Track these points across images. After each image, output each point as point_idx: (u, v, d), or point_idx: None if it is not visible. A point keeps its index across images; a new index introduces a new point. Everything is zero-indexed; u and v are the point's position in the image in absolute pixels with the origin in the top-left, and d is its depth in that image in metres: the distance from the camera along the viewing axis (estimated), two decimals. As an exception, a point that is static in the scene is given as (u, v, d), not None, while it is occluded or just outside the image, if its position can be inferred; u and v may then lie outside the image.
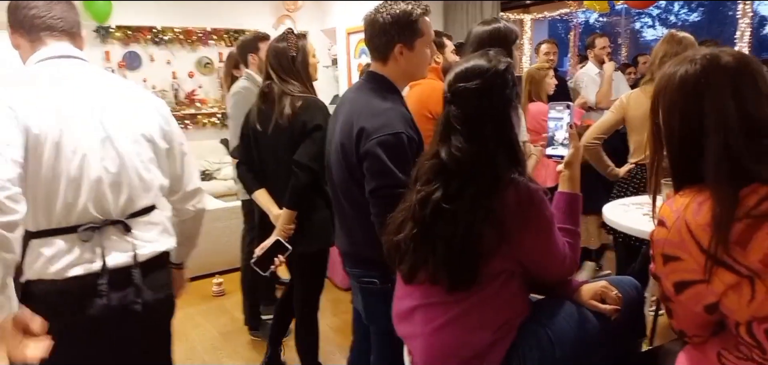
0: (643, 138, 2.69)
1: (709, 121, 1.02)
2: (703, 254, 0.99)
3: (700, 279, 1.02)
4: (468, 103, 1.34)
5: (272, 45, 2.35)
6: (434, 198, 1.33)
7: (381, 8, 1.69)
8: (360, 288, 1.80)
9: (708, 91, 1.04)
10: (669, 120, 1.11)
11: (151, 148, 1.47)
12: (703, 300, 1.04)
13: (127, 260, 1.40)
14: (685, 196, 1.05)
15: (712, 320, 1.10)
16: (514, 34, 2.13)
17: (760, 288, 0.96)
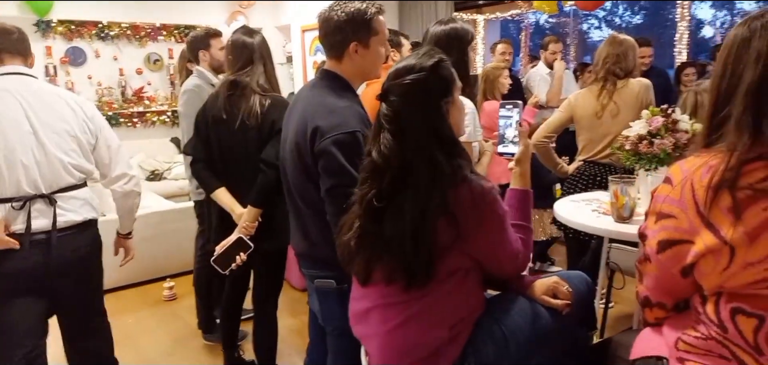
0: (590, 136, 2.78)
1: (748, 68, 1.02)
2: (698, 215, 1.02)
3: (686, 239, 1.05)
4: (397, 99, 1.35)
5: (239, 38, 2.29)
6: (369, 196, 1.34)
7: (335, 6, 1.68)
8: (316, 289, 1.78)
9: (751, 43, 1.03)
10: (714, 76, 1.10)
11: (75, 142, 1.96)
12: (683, 260, 1.06)
13: (47, 225, 1.89)
14: (699, 159, 1.06)
15: (681, 288, 1.12)
16: (469, 34, 2.15)
17: (736, 261, 0.98)
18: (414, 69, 1.37)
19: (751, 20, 1.05)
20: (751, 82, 1.00)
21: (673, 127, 1.95)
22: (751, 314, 0.99)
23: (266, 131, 2.18)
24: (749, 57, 1.02)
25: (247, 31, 2.34)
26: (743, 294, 1.00)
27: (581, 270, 2.65)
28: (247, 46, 2.27)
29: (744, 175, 0.97)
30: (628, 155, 2.04)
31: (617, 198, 1.90)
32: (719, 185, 0.99)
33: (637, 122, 2.05)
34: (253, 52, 2.27)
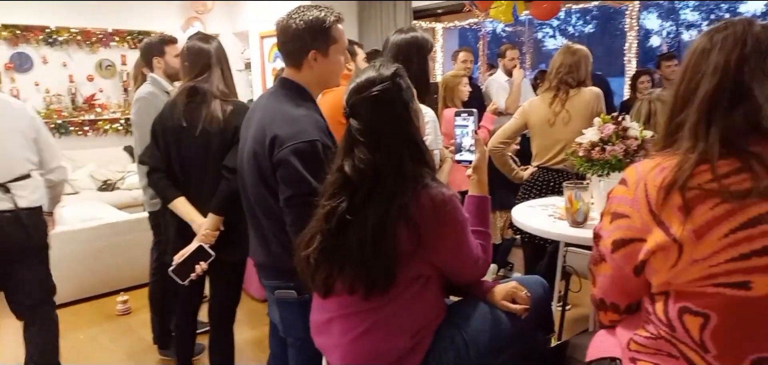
0: (543, 142, 2.85)
1: (706, 76, 1.06)
2: (650, 213, 1.06)
3: (638, 237, 1.09)
4: (366, 114, 1.36)
5: (195, 44, 2.25)
6: (339, 210, 1.34)
7: (294, 14, 1.67)
8: (277, 300, 1.75)
9: (712, 54, 1.08)
10: (675, 82, 1.15)
11: (23, 137, 2.32)
12: (635, 258, 1.10)
13: (9, 206, 2.25)
14: (653, 161, 1.11)
15: (633, 288, 1.16)
16: (429, 43, 2.18)
17: (684, 258, 1.02)
18: (376, 81, 1.37)
19: (715, 32, 1.11)
20: (706, 92, 1.05)
21: (624, 134, 2.02)
22: (697, 313, 1.03)
23: (229, 137, 2.15)
24: (708, 68, 1.07)
25: (203, 37, 2.31)
26: (689, 293, 1.04)
27: (539, 274, 2.72)
28: (203, 52, 2.23)
29: (694, 176, 1.02)
30: (581, 161, 2.10)
31: (572, 203, 1.95)
32: (671, 185, 1.03)
33: (589, 129, 2.11)
34: (210, 58, 2.23)
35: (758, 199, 0.98)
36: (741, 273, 0.99)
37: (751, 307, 1.00)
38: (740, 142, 1.02)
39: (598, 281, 1.24)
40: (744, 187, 0.99)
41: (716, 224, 1.00)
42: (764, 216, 0.98)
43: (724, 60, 1.06)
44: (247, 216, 1.82)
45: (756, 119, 1.03)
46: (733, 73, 1.04)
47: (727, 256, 1.00)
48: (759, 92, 1.04)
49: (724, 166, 1.01)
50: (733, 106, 1.04)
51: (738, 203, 0.99)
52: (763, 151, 1.01)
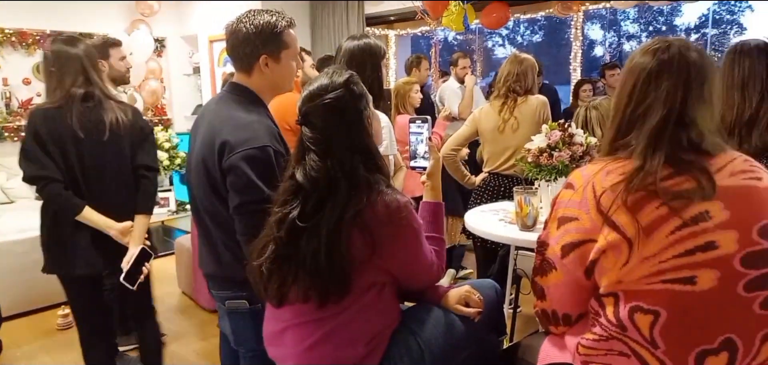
0: (493, 149, 2.92)
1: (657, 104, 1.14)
2: (598, 213, 1.10)
3: (589, 238, 1.12)
4: (319, 121, 1.35)
5: (62, 49, 2.17)
6: (290, 217, 1.32)
7: (244, 18, 1.63)
8: (228, 311, 1.71)
9: (660, 79, 1.15)
10: (619, 98, 1.21)
11: None
12: (586, 260, 1.13)
13: None
14: (597, 164, 1.17)
15: (585, 292, 1.19)
16: (382, 50, 2.19)
17: (634, 255, 1.07)
18: (329, 88, 1.37)
19: (658, 51, 1.17)
20: (655, 124, 1.13)
21: (570, 141, 2.09)
22: (647, 311, 1.08)
23: (137, 138, 2.17)
24: (658, 94, 1.14)
25: (68, 39, 2.20)
26: (640, 291, 1.08)
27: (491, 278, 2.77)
28: (72, 57, 2.15)
29: (640, 178, 1.08)
30: (530, 167, 2.16)
31: (522, 208, 2.00)
32: (619, 186, 1.09)
33: (537, 136, 2.17)
34: (81, 62, 2.15)
35: (699, 200, 1.05)
36: (687, 268, 1.05)
37: (696, 301, 1.05)
38: (683, 157, 1.10)
39: (548, 292, 1.26)
40: (684, 188, 1.06)
41: (663, 222, 1.05)
42: (704, 215, 1.05)
43: (671, 92, 1.13)
44: (196, 225, 1.77)
45: (698, 141, 1.12)
46: (680, 105, 1.12)
47: (673, 252, 1.05)
48: (700, 119, 1.12)
49: (667, 170, 1.08)
50: (678, 132, 1.12)
51: (681, 203, 1.05)
52: (702, 161, 1.09)
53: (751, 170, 1.12)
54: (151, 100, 6.58)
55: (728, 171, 1.10)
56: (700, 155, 1.11)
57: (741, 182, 1.10)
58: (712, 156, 1.12)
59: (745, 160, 1.15)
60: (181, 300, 3.95)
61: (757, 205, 1.09)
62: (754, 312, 1.05)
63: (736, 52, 2.08)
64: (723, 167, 1.11)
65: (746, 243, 1.05)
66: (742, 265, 1.05)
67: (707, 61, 1.16)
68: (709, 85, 1.15)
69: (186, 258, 3.86)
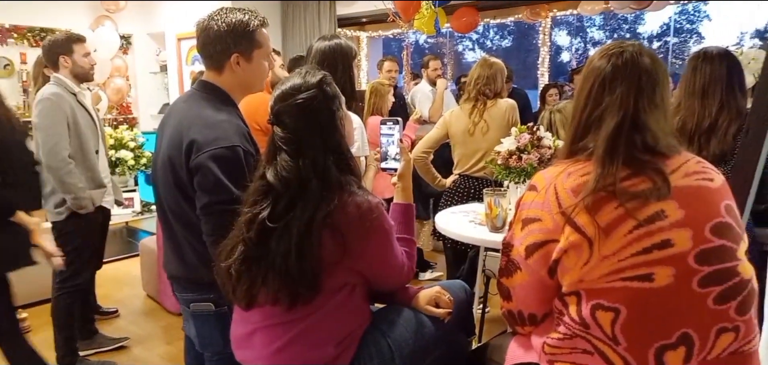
0: (464, 151, 2.95)
1: (612, 108, 1.17)
2: (560, 214, 1.13)
3: (551, 239, 1.15)
4: (291, 121, 1.34)
5: None
6: (261, 217, 1.30)
7: (216, 15, 1.61)
8: (192, 314, 1.67)
9: (614, 84, 1.19)
10: (576, 103, 1.25)
11: None
12: (549, 260, 1.16)
13: None
14: (559, 167, 1.20)
15: (549, 291, 1.21)
16: (353, 50, 2.18)
17: (595, 254, 1.10)
18: (302, 88, 1.35)
19: (614, 56, 1.20)
20: (611, 129, 1.16)
21: (538, 144, 2.13)
22: (608, 308, 1.10)
23: (25, 132, 2.24)
24: (612, 99, 1.18)
25: None
26: (600, 289, 1.11)
27: (461, 278, 2.79)
28: None
29: (599, 180, 1.12)
30: (500, 169, 2.18)
31: (491, 209, 2.02)
32: (580, 188, 1.12)
33: (507, 139, 2.20)
34: None
35: (655, 200, 1.09)
36: (644, 266, 1.08)
37: (654, 298, 1.09)
38: (639, 158, 1.14)
39: (513, 293, 1.28)
40: (641, 189, 1.10)
41: (621, 221, 1.09)
42: (660, 214, 1.09)
43: (624, 95, 1.17)
44: (161, 225, 1.73)
45: (653, 144, 1.16)
46: (633, 110, 1.17)
47: (632, 251, 1.08)
48: (653, 123, 1.17)
49: (625, 171, 1.12)
50: (632, 135, 1.16)
51: (638, 202, 1.09)
52: (657, 162, 1.13)
53: (703, 171, 1.17)
54: (116, 98, 6.42)
55: (682, 171, 1.15)
56: (656, 157, 1.15)
57: (694, 182, 1.14)
58: (667, 157, 1.16)
59: (698, 161, 1.19)
60: (145, 303, 3.87)
61: (710, 204, 1.13)
62: (708, 306, 1.09)
63: (698, 59, 2.14)
64: (677, 168, 1.15)
65: (700, 240, 1.09)
66: (696, 262, 1.09)
67: (659, 67, 1.21)
68: (660, 90, 1.19)
69: (151, 260, 3.78)
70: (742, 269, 1.13)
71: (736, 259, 1.13)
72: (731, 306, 1.10)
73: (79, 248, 2.74)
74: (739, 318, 1.11)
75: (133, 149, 4.93)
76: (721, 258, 1.10)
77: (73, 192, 2.65)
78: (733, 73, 2.08)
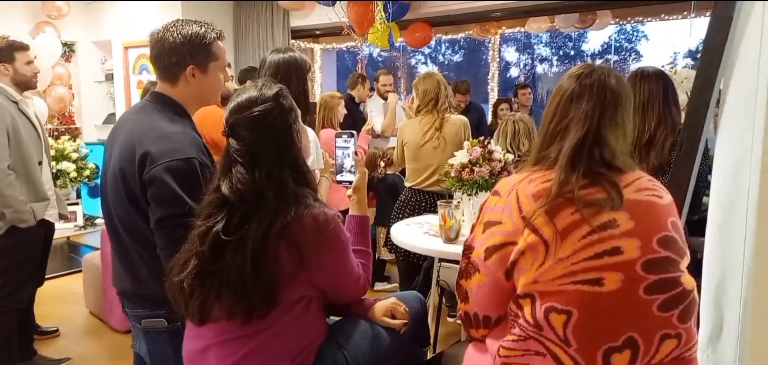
0: (416, 165, 2.99)
1: (576, 122, 1.25)
2: (520, 217, 1.19)
3: (510, 241, 1.20)
4: (247, 133, 1.34)
5: None
6: (215, 231, 1.29)
7: (171, 27, 1.59)
8: (144, 330, 1.63)
9: (580, 100, 1.26)
10: (546, 115, 1.33)
11: None
12: (506, 262, 1.21)
13: None
14: (522, 174, 1.27)
15: (505, 293, 1.25)
16: (307, 63, 2.19)
17: (550, 256, 1.16)
18: (258, 101, 1.35)
19: (582, 77, 1.29)
20: (574, 142, 1.24)
21: (489, 157, 2.20)
22: (561, 310, 1.16)
23: None
24: (577, 114, 1.26)
25: None
26: (553, 292, 1.16)
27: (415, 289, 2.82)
28: None
29: (559, 187, 1.19)
30: (453, 181, 2.24)
31: (445, 221, 2.07)
32: (541, 193, 1.19)
33: (460, 152, 2.26)
34: None
35: (608, 209, 1.16)
36: (595, 270, 1.14)
37: (603, 302, 1.14)
38: (597, 170, 1.22)
39: (471, 293, 1.32)
40: (596, 197, 1.17)
41: (576, 227, 1.15)
42: (612, 223, 1.16)
43: (589, 112, 1.25)
44: (111, 240, 1.68)
45: (610, 159, 1.24)
46: (595, 125, 1.24)
47: (584, 255, 1.14)
48: (613, 139, 1.25)
49: (583, 181, 1.19)
50: (592, 149, 1.23)
51: (593, 210, 1.16)
52: (613, 176, 1.22)
53: (653, 188, 1.26)
54: (57, 107, 6.15)
55: (635, 186, 1.23)
56: (612, 171, 1.23)
57: (645, 197, 1.22)
58: (622, 172, 1.24)
59: (650, 180, 1.28)
60: (88, 322, 3.71)
61: (658, 219, 1.21)
62: (653, 313, 1.16)
63: (636, 78, 2.27)
64: (631, 183, 1.23)
65: (647, 250, 1.16)
66: (643, 270, 1.15)
67: (623, 89, 1.30)
68: (622, 110, 1.28)
69: (95, 277, 3.63)
70: (684, 280, 1.20)
71: (679, 271, 1.20)
72: (674, 314, 1.17)
73: (19, 264, 2.62)
74: (681, 326, 1.18)
75: (76, 160, 4.73)
76: (666, 268, 1.18)
77: (12, 206, 2.54)
78: (669, 91, 2.24)
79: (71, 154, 4.66)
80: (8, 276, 2.61)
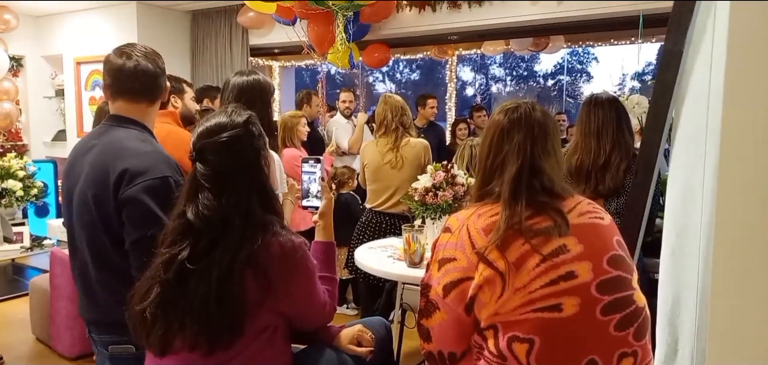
0: (376, 187, 3.00)
1: (511, 155, 1.30)
2: (474, 252, 1.21)
3: (467, 276, 1.22)
4: (215, 158, 1.32)
5: None
6: (180, 258, 1.27)
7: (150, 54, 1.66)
8: (111, 356, 1.59)
9: (511, 134, 1.32)
10: (481, 152, 1.37)
11: None
12: (465, 297, 1.22)
13: None
14: (470, 210, 1.30)
15: (467, 328, 1.27)
16: (272, 87, 2.20)
17: (507, 287, 1.18)
18: (227, 127, 1.34)
19: (509, 111, 1.35)
20: (512, 174, 1.29)
21: (453, 181, 2.23)
22: (523, 339, 1.18)
23: None
24: (511, 148, 1.31)
25: None
26: (514, 322, 1.19)
27: (377, 312, 2.82)
28: None
29: (507, 220, 1.22)
30: (417, 205, 2.26)
31: (409, 245, 2.09)
32: (490, 228, 1.22)
33: (423, 176, 2.29)
34: None
35: (557, 236, 1.21)
36: (553, 296, 1.17)
37: (563, 327, 1.18)
38: (540, 199, 1.26)
39: (433, 332, 1.32)
40: (543, 226, 1.21)
41: (529, 256, 1.18)
42: (563, 248, 1.20)
43: (521, 146, 1.31)
44: (76, 269, 1.63)
45: (550, 186, 1.29)
46: (530, 156, 1.30)
47: (541, 283, 1.18)
48: (548, 168, 1.31)
49: (528, 211, 1.24)
50: (531, 179, 1.29)
51: (542, 238, 1.20)
52: (556, 203, 1.26)
53: (594, 210, 1.31)
54: (3, 123, 5.88)
55: (577, 211, 1.28)
56: (554, 198, 1.27)
57: (588, 220, 1.27)
58: (563, 198, 1.29)
59: (589, 203, 1.34)
60: (34, 348, 3.53)
61: (604, 239, 1.26)
62: (610, 333, 1.20)
63: (590, 104, 2.37)
64: (572, 208, 1.28)
65: (599, 272, 1.21)
66: (597, 291, 1.20)
67: (550, 120, 1.36)
68: (552, 140, 1.35)
69: (42, 301, 3.47)
70: (636, 297, 1.25)
71: (631, 288, 1.25)
72: (630, 333, 1.21)
73: None
74: (637, 343, 1.23)
75: (23, 179, 4.52)
76: (619, 287, 1.22)
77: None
78: (622, 116, 2.34)
79: (18, 172, 4.45)
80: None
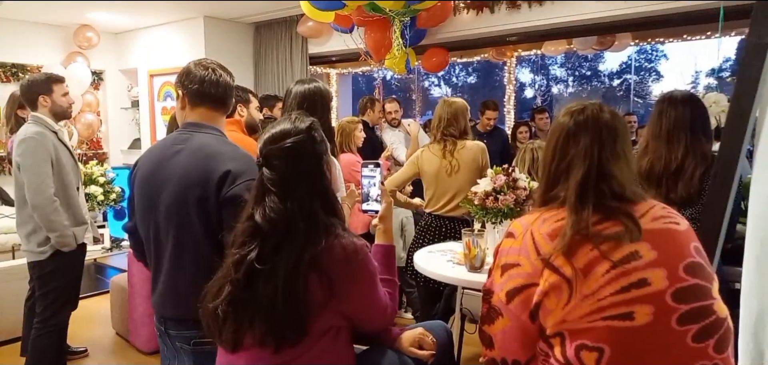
0: (435, 192, 3.00)
1: (577, 159, 1.26)
2: (539, 258, 1.19)
3: (532, 282, 1.20)
4: (280, 164, 1.38)
5: None
6: (249, 259, 1.33)
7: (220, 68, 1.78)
8: (194, 351, 1.67)
9: (578, 137, 1.28)
10: (545, 156, 1.34)
11: None
12: (530, 303, 1.20)
13: None
14: (533, 214, 1.27)
15: (531, 335, 1.24)
16: (330, 94, 2.28)
17: (575, 295, 1.15)
18: (291, 133, 1.40)
19: (575, 113, 1.30)
20: (579, 179, 1.25)
21: (514, 185, 2.21)
22: (592, 348, 1.15)
23: None
24: (578, 151, 1.27)
25: None
26: (583, 329, 1.15)
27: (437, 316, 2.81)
28: None
29: (574, 224, 1.19)
30: (477, 209, 2.25)
31: (470, 249, 2.08)
32: (556, 232, 1.19)
33: (483, 179, 2.28)
34: None
35: (628, 242, 1.16)
36: (624, 304, 1.13)
37: (635, 336, 1.13)
38: (609, 204, 1.22)
39: (495, 339, 1.30)
40: (614, 231, 1.16)
41: (598, 262, 1.15)
42: (635, 255, 1.15)
43: (588, 148, 1.26)
44: (164, 269, 1.70)
45: (620, 191, 1.24)
46: (598, 161, 1.25)
47: (610, 290, 1.13)
48: (618, 171, 1.26)
49: (596, 216, 1.19)
50: (599, 184, 1.24)
51: (612, 244, 1.15)
52: (627, 207, 1.21)
53: (669, 215, 1.25)
54: (86, 133, 6.33)
55: (650, 216, 1.22)
56: (624, 203, 1.22)
57: (662, 225, 1.21)
58: (634, 203, 1.24)
59: (663, 207, 1.27)
60: (115, 342, 3.78)
61: (680, 246, 1.20)
62: (688, 344, 1.14)
63: (663, 103, 2.20)
64: (645, 213, 1.22)
65: (675, 280, 1.15)
66: (673, 300, 1.14)
67: (619, 121, 1.31)
68: (621, 142, 1.29)
69: (122, 298, 3.71)
70: (717, 308, 1.18)
71: (711, 298, 1.18)
72: (710, 344, 1.15)
73: (62, 287, 2.72)
74: (718, 356, 1.15)
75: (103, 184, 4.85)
76: (697, 296, 1.16)
77: (58, 230, 2.64)
78: (697, 119, 2.16)
79: (99, 178, 4.78)
80: (52, 298, 2.70)
